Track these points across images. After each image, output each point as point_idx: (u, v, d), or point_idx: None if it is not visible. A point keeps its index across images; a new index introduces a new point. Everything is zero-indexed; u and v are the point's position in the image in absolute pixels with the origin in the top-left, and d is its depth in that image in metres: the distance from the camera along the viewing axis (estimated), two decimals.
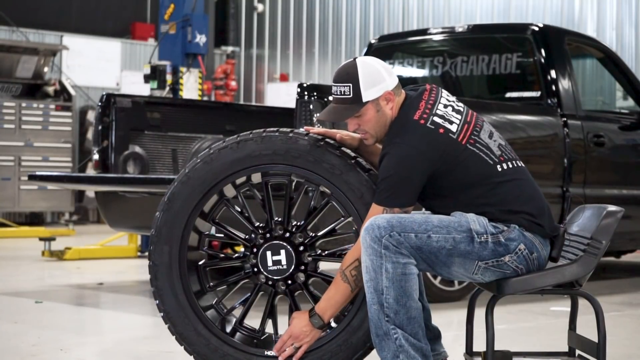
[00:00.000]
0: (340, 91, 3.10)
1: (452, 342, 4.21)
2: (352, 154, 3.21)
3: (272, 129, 3.27)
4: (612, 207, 3.14)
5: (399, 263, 2.94)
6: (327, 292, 3.12)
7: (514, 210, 3.06)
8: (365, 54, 7.22)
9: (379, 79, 3.10)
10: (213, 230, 3.43)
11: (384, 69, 3.13)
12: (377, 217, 2.98)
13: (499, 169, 3.09)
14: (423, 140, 3.02)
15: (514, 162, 3.14)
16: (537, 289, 3.07)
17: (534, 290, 3.08)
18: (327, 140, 3.23)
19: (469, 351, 3.37)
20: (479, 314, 3.25)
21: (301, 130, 3.26)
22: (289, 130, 3.26)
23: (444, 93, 3.19)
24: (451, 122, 3.07)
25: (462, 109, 3.15)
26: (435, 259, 3.00)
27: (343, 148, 3.22)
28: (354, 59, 3.15)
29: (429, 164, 3.02)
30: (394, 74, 3.16)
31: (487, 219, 3.05)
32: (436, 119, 3.05)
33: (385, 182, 3.02)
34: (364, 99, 3.08)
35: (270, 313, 3.33)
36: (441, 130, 3.04)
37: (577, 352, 3.35)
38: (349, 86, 3.08)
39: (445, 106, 3.11)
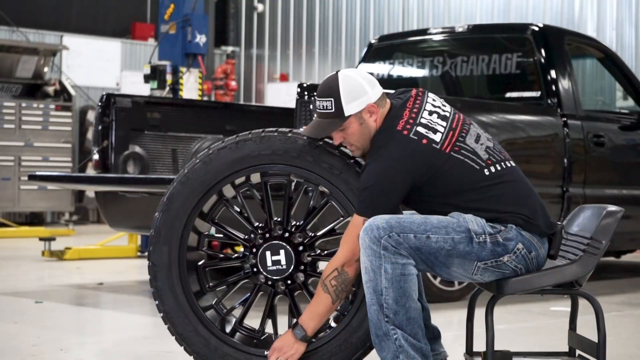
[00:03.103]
0: (323, 105, 3.10)
1: (452, 342, 4.21)
2: (351, 154, 3.21)
3: (270, 129, 3.27)
4: (612, 207, 3.14)
5: (398, 264, 2.94)
6: (310, 304, 3.12)
7: (507, 211, 3.05)
8: (365, 54, 7.22)
9: (361, 92, 3.09)
10: (213, 230, 3.42)
11: (367, 82, 3.12)
12: (376, 217, 2.98)
13: (487, 173, 3.07)
14: (405, 151, 3.01)
15: (502, 163, 3.12)
16: (537, 288, 3.07)
17: (533, 290, 3.08)
18: (326, 140, 3.23)
19: (469, 351, 3.37)
20: (479, 314, 3.25)
21: (300, 130, 3.26)
22: (287, 130, 3.26)
23: (430, 98, 3.16)
24: (435, 132, 3.05)
25: (448, 114, 3.13)
26: (435, 260, 3.00)
27: (342, 148, 3.22)
28: (337, 72, 3.14)
29: (410, 176, 3.01)
30: (377, 86, 3.14)
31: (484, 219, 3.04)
32: (420, 128, 3.04)
33: (366, 192, 3.02)
34: (346, 113, 3.08)
35: (270, 313, 3.32)
36: (424, 141, 3.02)
37: (577, 352, 3.35)
38: (331, 101, 3.08)
39: (431, 113, 3.10)
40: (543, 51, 6.31)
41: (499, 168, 3.10)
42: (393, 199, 3.03)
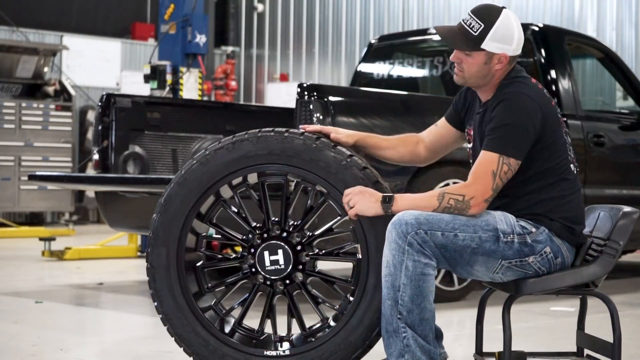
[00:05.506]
0: (471, 24, 3.12)
1: (452, 342, 4.20)
2: (348, 152, 3.20)
3: (267, 129, 3.26)
4: (627, 208, 3.16)
5: (420, 262, 2.95)
6: (416, 195, 3.07)
7: (557, 220, 3.07)
8: (365, 54, 7.21)
9: (508, 39, 3.11)
10: (212, 231, 3.42)
11: (518, 35, 3.13)
12: (405, 213, 2.98)
13: (572, 168, 3.14)
14: (540, 96, 3.09)
15: (577, 168, 3.19)
16: (555, 289, 3.07)
17: (552, 290, 3.07)
18: (323, 139, 3.22)
19: (479, 351, 3.36)
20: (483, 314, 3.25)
21: (297, 129, 3.26)
22: (284, 129, 3.25)
23: None
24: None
25: None
26: (459, 258, 3.00)
27: (339, 147, 3.21)
28: (504, 7, 3.16)
29: (542, 120, 3.05)
30: (521, 45, 3.16)
31: (515, 217, 3.05)
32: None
33: (503, 129, 3.01)
34: (483, 46, 3.10)
35: (269, 313, 3.32)
36: (553, 103, 3.13)
37: (586, 352, 3.34)
38: (481, 26, 3.10)
39: None
40: (543, 51, 6.31)
41: (576, 171, 3.16)
42: (527, 140, 3.02)
